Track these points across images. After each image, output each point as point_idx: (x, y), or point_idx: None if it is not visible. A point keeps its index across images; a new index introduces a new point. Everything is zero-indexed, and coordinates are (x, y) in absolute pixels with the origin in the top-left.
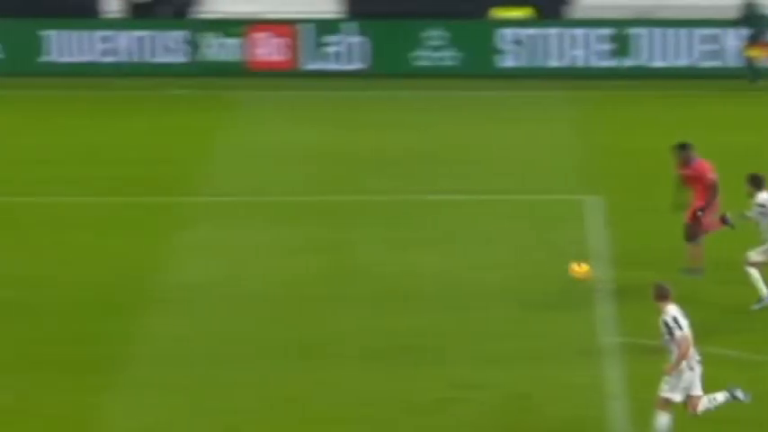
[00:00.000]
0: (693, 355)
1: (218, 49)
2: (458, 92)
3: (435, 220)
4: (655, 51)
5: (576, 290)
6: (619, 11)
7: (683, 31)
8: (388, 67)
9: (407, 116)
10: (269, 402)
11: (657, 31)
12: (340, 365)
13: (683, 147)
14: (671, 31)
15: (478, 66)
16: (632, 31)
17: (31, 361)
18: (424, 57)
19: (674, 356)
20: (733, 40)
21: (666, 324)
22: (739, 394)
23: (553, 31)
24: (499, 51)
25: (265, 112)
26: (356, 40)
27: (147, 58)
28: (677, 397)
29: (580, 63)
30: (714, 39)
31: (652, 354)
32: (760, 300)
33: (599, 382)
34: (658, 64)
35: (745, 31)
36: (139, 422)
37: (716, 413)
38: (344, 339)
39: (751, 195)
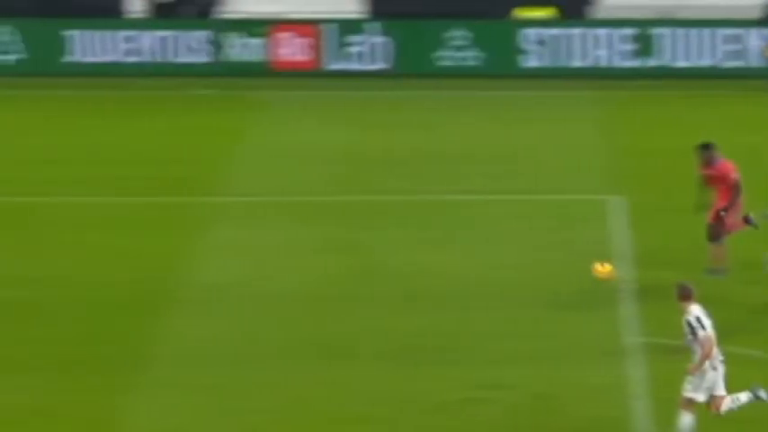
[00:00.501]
0: (716, 354)
1: (242, 49)
2: (481, 92)
3: (460, 220)
4: (678, 51)
5: (599, 290)
6: (642, 11)
7: (705, 32)
8: (412, 67)
9: (430, 116)
10: (291, 402)
11: (680, 31)
12: (361, 366)
13: (706, 147)
14: (694, 32)
15: (501, 66)
16: (655, 31)
17: (52, 362)
18: (447, 57)
19: (697, 356)
20: (756, 40)
21: (689, 324)
22: (762, 394)
23: (576, 31)
24: (522, 51)
25: (288, 113)
26: (379, 40)
27: (171, 59)
28: (700, 397)
29: (603, 63)
30: (737, 39)
31: (675, 354)
32: None
33: (622, 382)
34: (681, 64)
35: (767, 32)
36: (162, 423)
37: (739, 413)
38: (366, 339)
39: None
